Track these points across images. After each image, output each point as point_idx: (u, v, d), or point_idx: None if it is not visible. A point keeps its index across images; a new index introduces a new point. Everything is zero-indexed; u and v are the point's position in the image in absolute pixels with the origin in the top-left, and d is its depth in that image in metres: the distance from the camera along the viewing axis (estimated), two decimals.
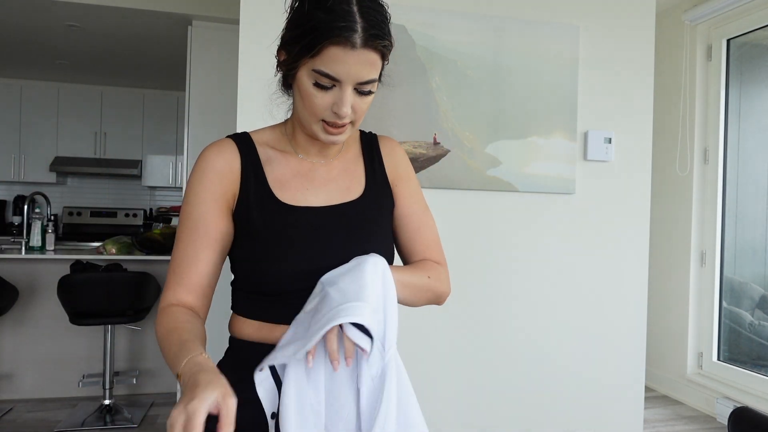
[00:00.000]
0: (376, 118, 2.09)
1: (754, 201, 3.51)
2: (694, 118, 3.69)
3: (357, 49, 0.81)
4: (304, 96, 0.87)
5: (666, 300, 3.88)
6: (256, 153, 0.95)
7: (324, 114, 0.86)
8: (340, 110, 0.85)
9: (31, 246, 3.46)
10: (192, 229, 0.90)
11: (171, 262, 0.91)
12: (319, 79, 0.84)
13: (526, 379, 2.28)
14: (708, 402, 3.51)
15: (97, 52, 4.74)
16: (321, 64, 0.82)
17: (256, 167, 0.93)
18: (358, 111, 0.88)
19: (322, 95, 0.85)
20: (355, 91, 0.85)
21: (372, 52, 0.83)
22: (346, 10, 0.81)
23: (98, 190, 6.23)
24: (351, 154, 1.02)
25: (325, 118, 0.87)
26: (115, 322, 3.08)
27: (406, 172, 1.05)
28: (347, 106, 0.85)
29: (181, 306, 0.88)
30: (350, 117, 0.87)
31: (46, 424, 3.08)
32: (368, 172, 1.01)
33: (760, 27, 3.35)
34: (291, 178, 0.94)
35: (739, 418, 1.39)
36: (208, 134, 3.59)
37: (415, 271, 0.96)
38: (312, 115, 0.87)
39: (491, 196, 2.24)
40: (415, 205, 1.03)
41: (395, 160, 1.04)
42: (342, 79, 0.83)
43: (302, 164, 0.96)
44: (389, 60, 0.90)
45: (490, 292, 2.25)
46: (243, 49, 2.00)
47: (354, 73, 0.83)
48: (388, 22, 0.86)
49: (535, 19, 2.27)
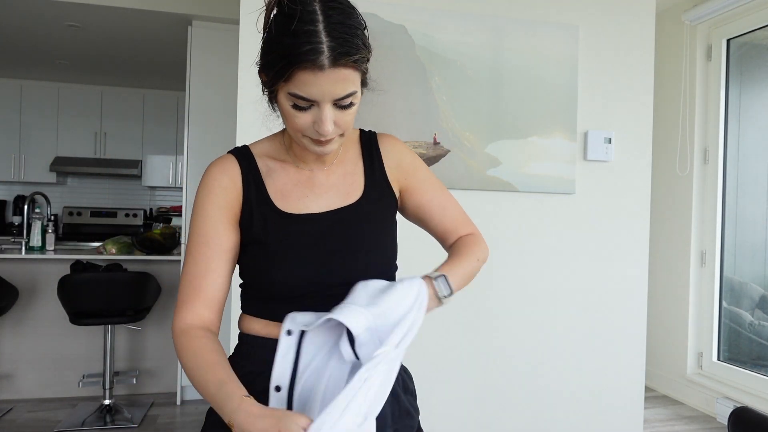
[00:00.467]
0: (376, 118, 2.09)
1: (753, 201, 3.51)
2: (693, 118, 3.69)
3: (326, 70, 0.80)
4: (285, 117, 0.88)
5: (666, 300, 3.88)
6: (256, 166, 0.97)
7: (308, 132, 0.87)
8: (320, 129, 0.85)
9: (31, 246, 3.46)
10: (203, 243, 0.92)
11: (183, 277, 0.92)
12: (296, 102, 0.84)
13: (526, 378, 2.28)
14: (708, 402, 3.51)
15: (97, 52, 4.74)
16: (294, 87, 0.82)
17: (257, 180, 0.95)
18: (343, 124, 0.88)
19: (301, 115, 0.85)
20: (335, 106, 0.85)
21: (343, 69, 0.81)
22: (311, 31, 0.79)
23: (98, 190, 6.23)
24: (350, 156, 1.02)
25: (309, 135, 0.88)
26: (115, 322, 3.08)
27: (412, 164, 1.06)
28: (327, 124, 0.84)
29: (201, 327, 0.89)
30: (335, 131, 0.87)
31: (46, 424, 3.08)
32: (367, 173, 1.01)
33: (760, 27, 3.35)
34: (292, 187, 0.96)
35: (739, 418, 1.39)
36: (208, 134, 3.59)
37: (464, 259, 1.01)
38: (297, 132, 0.88)
39: (491, 196, 2.24)
40: (432, 191, 1.06)
41: (397, 156, 1.04)
42: (317, 100, 0.83)
43: (301, 173, 0.98)
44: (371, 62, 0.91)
45: (489, 292, 2.25)
46: (243, 49, 2.00)
47: (328, 92, 0.82)
48: (360, 31, 0.84)
49: (535, 19, 2.27)
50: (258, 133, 1.38)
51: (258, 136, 1.31)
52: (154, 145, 6.06)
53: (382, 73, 2.11)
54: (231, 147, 1.17)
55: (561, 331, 2.31)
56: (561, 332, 2.31)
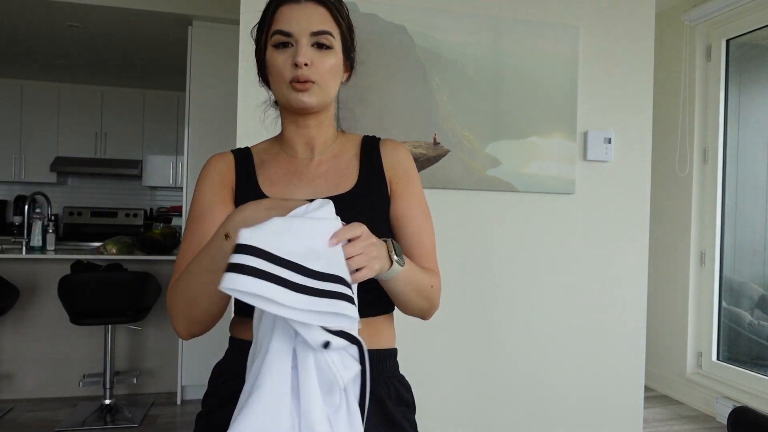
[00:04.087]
0: (376, 118, 2.10)
1: (753, 201, 3.51)
2: (693, 119, 3.69)
3: (302, 3, 0.93)
4: (270, 65, 0.95)
5: (666, 300, 3.88)
6: (251, 159, 1.02)
7: (287, 73, 0.93)
8: (297, 59, 0.91)
9: (32, 246, 3.47)
10: (199, 219, 0.95)
11: (180, 250, 0.94)
12: (277, 39, 0.93)
13: (526, 378, 2.29)
14: (707, 402, 3.52)
15: (98, 53, 4.74)
16: (275, 25, 0.93)
17: (249, 170, 1.01)
18: (320, 67, 0.94)
19: (282, 55, 0.93)
20: (313, 47, 0.93)
21: (318, 6, 0.94)
22: None
23: (98, 190, 6.23)
24: (347, 154, 1.03)
25: (289, 78, 0.93)
26: (116, 321, 3.09)
27: (408, 173, 1.03)
28: (302, 55, 0.91)
29: None
30: (312, 73, 0.93)
31: (47, 423, 3.09)
32: (362, 171, 1.01)
33: (759, 27, 3.35)
34: (281, 176, 1.00)
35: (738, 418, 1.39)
36: (208, 134, 3.59)
37: (424, 273, 0.94)
38: (280, 79, 0.94)
39: (491, 196, 2.24)
40: (416, 210, 1.01)
41: (396, 159, 1.03)
42: (293, 32, 0.92)
43: (292, 163, 1.01)
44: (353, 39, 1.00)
45: (489, 292, 2.26)
46: (243, 49, 2.00)
47: (304, 23, 0.92)
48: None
49: (535, 19, 2.27)
50: (258, 133, 1.38)
51: (258, 135, 1.31)
52: (154, 145, 6.07)
53: (383, 73, 2.11)
54: (231, 147, 1.18)
55: (560, 331, 2.32)
56: (560, 332, 2.32)
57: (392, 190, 1.01)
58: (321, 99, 0.95)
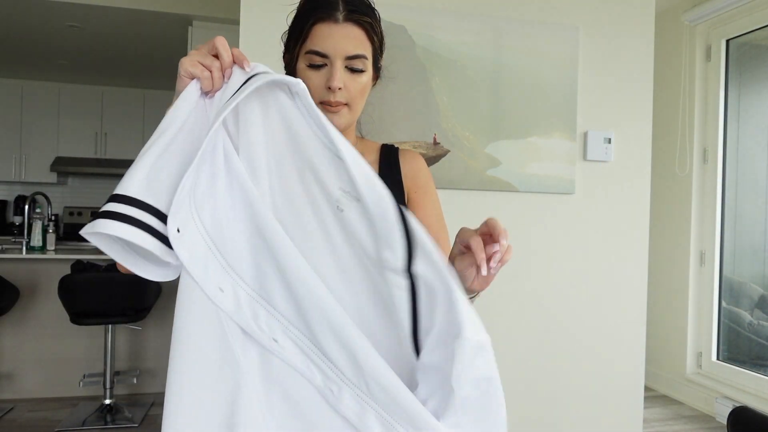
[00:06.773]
0: (377, 118, 2.10)
1: (753, 201, 3.52)
2: (693, 119, 3.69)
3: (340, 23, 0.91)
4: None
5: (665, 300, 3.88)
6: None
7: (320, 94, 0.92)
8: (331, 83, 0.91)
9: (32, 246, 3.47)
10: None
11: None
12: (312, 60, 0.92)
13: (526, 378, 2.29)
14: (707, 402, 3.52)
15: (98, 53, 4.74)
16: (311, 44, 0.92)
17: None
18: (352, 90, 0.93)
19: (315, 75, 0.92)
20: (346, 69, 0.93)
21: (355, 27, 0.93)
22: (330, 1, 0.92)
23: (99, 190, 6.23)
24: (365, 158, 1.03)
25: (321, 99, 0.92)
26: (116, 321, 3.09)
27: (426, 183, 1.06)
28: (337, 79, 0.91)
29: None
30: (344, 96, 0.92)
31: (47, 423, 3.09)
32: (381, 173, 1.02)
33: (759, 27, 3.35)
34: None
35: (738, 418, 1.39)
36: None
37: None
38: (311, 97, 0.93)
39: (491, 196, 2.24)
40: (432, 218, 1.03)
41: (415, 167, 1.05)
42: (330, 54, 0.91)
43: None
44: (383, 49, 1.01)
45: (488, 292, 2.25)
46: (243, 49, 2.00)
47: (341, 47, 0.91)
48: (372, 7, 0.98)
49: (535, 19, 2.27)
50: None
51: None
52: None
53: (383, 73, 2.11)
54: None
55: (560, 331, 2.32)
56: (560, 332, 2.32)
57: (410, 198, 1.03)
58: (350, 119, 0.97)
